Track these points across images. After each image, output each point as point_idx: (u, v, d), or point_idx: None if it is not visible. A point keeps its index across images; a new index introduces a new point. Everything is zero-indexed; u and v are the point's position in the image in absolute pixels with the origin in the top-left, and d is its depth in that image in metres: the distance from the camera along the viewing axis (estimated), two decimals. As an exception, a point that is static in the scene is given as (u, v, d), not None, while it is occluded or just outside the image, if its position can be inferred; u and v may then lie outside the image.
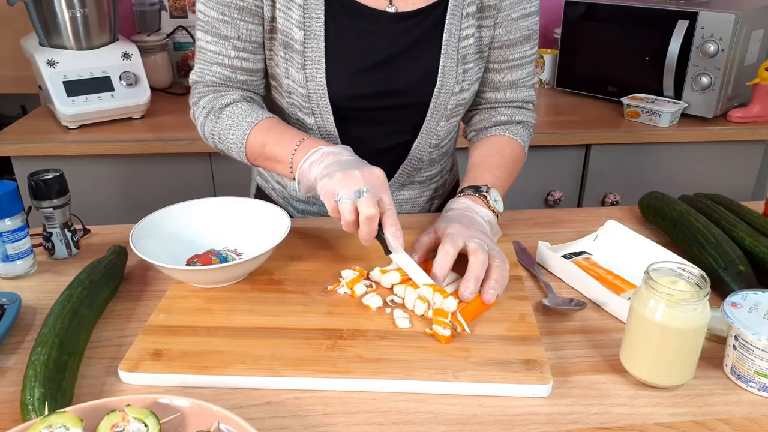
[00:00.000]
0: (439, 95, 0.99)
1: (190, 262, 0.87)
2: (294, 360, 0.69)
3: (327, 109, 0.97)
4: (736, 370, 0.68)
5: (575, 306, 0.80)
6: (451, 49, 0.97)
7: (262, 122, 0.93)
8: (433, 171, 1.12)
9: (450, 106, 1.01)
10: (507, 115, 1.07)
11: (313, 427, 0.63)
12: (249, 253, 0.89)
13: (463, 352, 0.71)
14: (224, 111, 0.96)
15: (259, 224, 0.91)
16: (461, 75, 0.99)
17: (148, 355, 0.70)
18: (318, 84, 0.95)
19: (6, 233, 0.86)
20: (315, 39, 0.93)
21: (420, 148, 1.04)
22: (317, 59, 0.94)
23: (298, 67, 0.95)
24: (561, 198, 1.84)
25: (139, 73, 1.77)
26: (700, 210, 0.97)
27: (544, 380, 0.67)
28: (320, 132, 1.00)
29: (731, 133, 1.76)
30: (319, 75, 0.95)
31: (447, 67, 0.97)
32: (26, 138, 1.67)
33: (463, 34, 0.97)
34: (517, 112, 1.08)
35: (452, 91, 0.99)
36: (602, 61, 1.91)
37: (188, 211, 0.92)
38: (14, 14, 1.81)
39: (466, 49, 0.98)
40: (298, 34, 0.93)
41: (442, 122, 1.02)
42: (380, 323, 0.76)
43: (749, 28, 1.69)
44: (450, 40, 0.96)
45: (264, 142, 0.92)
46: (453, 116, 1.03)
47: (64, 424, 0.56)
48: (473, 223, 0.87)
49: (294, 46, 0.94)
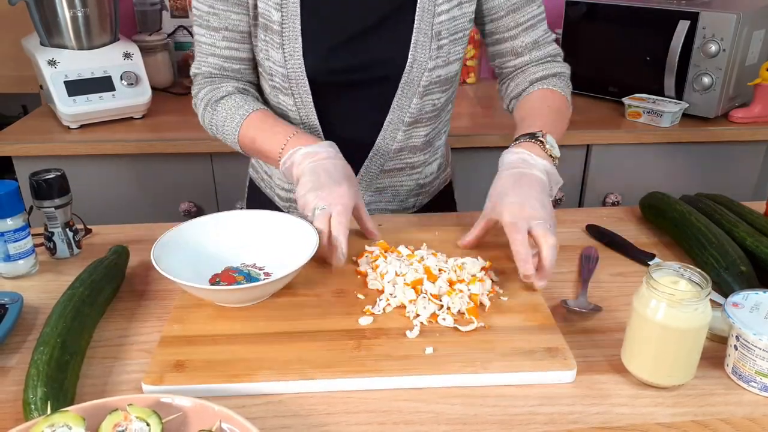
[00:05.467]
0: (411, 70, 1.00)
1: (213, 282, 0.83)
2: (323, 362, 0.69)
3: (305, 87, 1.01)
4: (737, 370, 0.68)
5: (593, 309, 0.80)
6: (425, 24, 0.98)
7: (252, 115, 0.99)
8: (414, 159, 1.11)
9: (423, 83, 1.01)
10: (540, 71, 1.06)
11: (314, 426, 0.63)
12: (270, 267, 0.86)
13: (486, 344, 0.72)
14: (220, 103, 1.02)
15: (273, 236, 0.88)
16: (434, 51, 0.99)
17: (170, 366, 0.69)
18: (296, 62, 0.99)
19: (8, 233, 0.86)
20: (291, 18, 0.97)
21: (392, 127, 1.05)
22: (294, 37, 0.98)
23: (277, 46, 0.98)
24: (562, 198, 1.84)
25: (140, 73, 1.77)
26: (701, 210, 0.97)
27: (570, 366, 0.69)
28: (299, 112, 1.03)
29: (732, 133, 1.76)
30: (297, 52, 0.98)
31: (419, 41, 0.98)
32: (27, 138, 1.67)
33: (437, 10, 0.98)
34: (548, 66, 1.07)
35: (425, 66, 1.00)
36: (603, 61, 1.91)
37: (201, 226, 0.88)
38: (15, 14, 1.81)
39: (441, 25, 0.99)
40: (276, 15, 0.97)
41: (415, 99, 1.02)
42: (399, 320, 0.77)
43: (750, 28, 1.69)
44: (423, 15, 0.98)
45: (253, 137, 0.99)
46: (427, 94, 1.03)
47: (67, 423, 0.56)
48: (531, 186, 0.85)
49: (272, 27, 0.98)
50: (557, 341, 0.73)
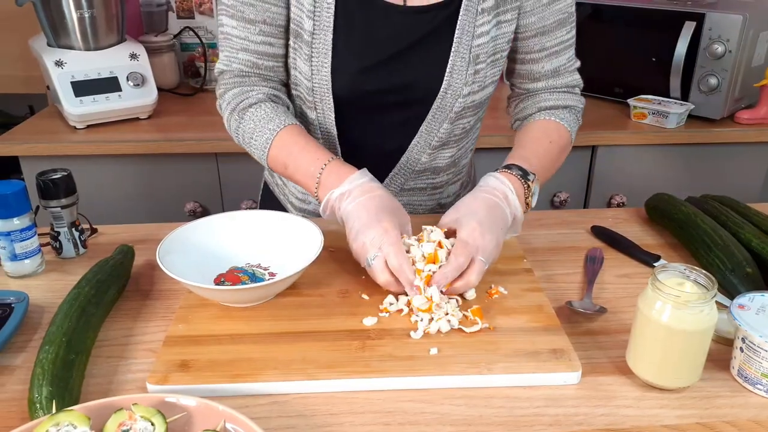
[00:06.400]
0: (445, 96, 0.95)
1: (218, 282, 0.84)
2: (326, 362, 0.70)
3: (330, 104, 0.96)
4: (743, 372, 0.68)
5: (598, 310, 0.80)
6: (463, 47, 0.93)
7: (282, 133, 0.92)
8: (437, 180, 1.08)
9: (456, 108, 0.97)
10: (552, 101, 1.02)
11: (318, 426, 0.63)
12: (275, 267, 0.86)
13: (491, 345, 0.72)
14: (248, 112, 0.95)
15: (278, 236, 0.88)
16: (471, 76, 0.95)
17: (175, 366, 0.69)
18: (323, 77, 0.94)
19: (14, 232, 0.87)
20: (324, 30, 0.92)
21: (418, 149, 1.01)
22: (324, 51, 0.92)
23: (305, 58, 0.94)
24: (567, 199, 1.83)
25: (146, 74, 1.78)
26: (706, 212, 0.96)
27: (574, 368, 0.68)
28: (320, 127, 0.99)
29: (738, 134, 1.75)
30: (325, 68, 0.93)
31: (457, 66, 0.94)
32: (34, 138, 1.67)
33: (477, 31, 0.93)
34: (562, 96, 1.02)
35: (459, 92, 0.95)
36: (609, 63, 1.91)
37: (206, 226, 0.88)
38: (23, 15, 1.81)
39: (480, 48, 0.94)
40: (307, 23, 0.92)
41: (445, 124, 0.99)
42: (403, 321, 0.77)
43: (757, 29, 1.68)
44: (462, 37, 0.92)
45: (285, 163, 0.92)
46: (458, 119, 0.99)
47: (72, 422, 0.56)
48: (497, 222, 0.82)
49: (303, 36, 0.93)
50: (562, 342, 0.72)
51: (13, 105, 2.27)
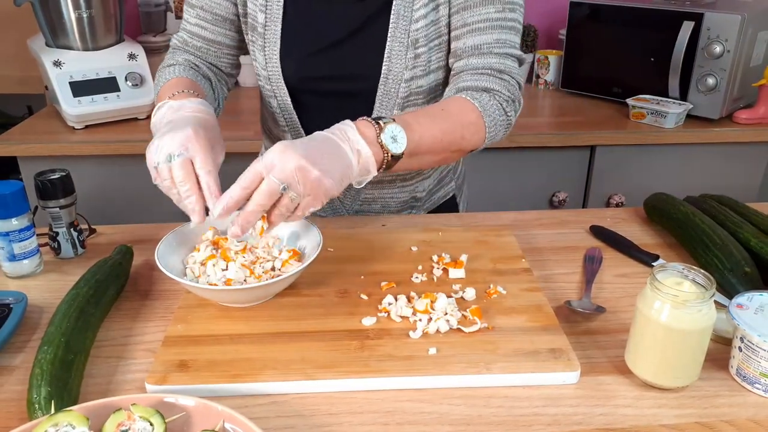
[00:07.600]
0: (387, 81, 0.97)
1: None
2: (325, 362, 0.70)
3: (284, 91, 1.01)
4: (742, 371, 0.68)
5: (597, 310, 0.80)
6: (400, 32, 0.94)
7: (172, 80, 0.96)
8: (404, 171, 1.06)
9: (401, 94, 0.97)
10: (470, 81, 0.93)
11: (317, 426, 0.63)
12: None
13: (489, 345, 0.72)
14: (164, 69, 1.00)
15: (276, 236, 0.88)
16: (411, 60, 0.95)
17: (174, 366, 0.69)
18: (274, 65, 0.99)
19: (12, 233, 0.86)
20: (274, 21, 0.98)
21: None
22: (274, 41, 0.98)
23: (260, 48, 1.00)
24: (566, 199, 1.83)
25: (144, 74, 1.78)
26: (705, 211, 0.97)
27: (573, 367, 0.68)
28: (283, 115, 1.04)
29: (737, 134, 1.75)
30: (275, 56, 0.99)
31: (395, 51, 0.95)
32: (32, 138, 1.67)
33: (415, 15, 0.94)
34: (483, 78, 0.93)
35: (401, 77, 0.96)
36: (607, 62, 1.91)
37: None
38: (21, 15, 1.81)
39: (418, 32, 0.94)
40: (260, 17, 0.98)
41: (395, 110, 0.99)
42: (402, 321, 0.77)
43: (755, 29, 1.69)
44: (398, 22, 0.94)
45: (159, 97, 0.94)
46: (408, 105, 0.99)
47: (71, 422, 0.56)
48: (317, 150, 0.72)
49: (257, 28, 0.99)
50: (561, 342, 0.72)
51: (12, 105, 2.27)
